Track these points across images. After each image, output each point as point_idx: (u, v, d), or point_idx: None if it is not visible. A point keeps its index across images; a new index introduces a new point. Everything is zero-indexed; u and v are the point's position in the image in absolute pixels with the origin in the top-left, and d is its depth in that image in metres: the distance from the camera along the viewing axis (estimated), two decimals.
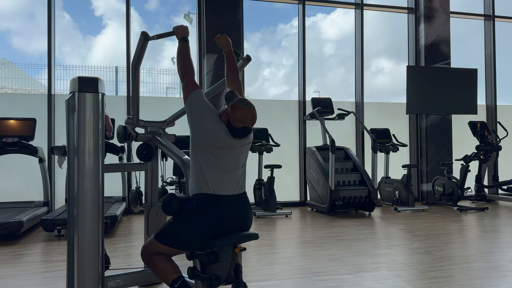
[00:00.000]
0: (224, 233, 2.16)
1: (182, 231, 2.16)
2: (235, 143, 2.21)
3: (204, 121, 2.20)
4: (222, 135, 2.17)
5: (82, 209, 2.04)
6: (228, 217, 2.18)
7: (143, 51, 2.75)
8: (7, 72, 6.93)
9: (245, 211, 2.25)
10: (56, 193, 6.10)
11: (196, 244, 2.17)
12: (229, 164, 2.21)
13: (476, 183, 7.43)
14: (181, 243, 2.20)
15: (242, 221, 2.23)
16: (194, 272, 2.21)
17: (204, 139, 2.18)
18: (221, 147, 2.18)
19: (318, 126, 6.81)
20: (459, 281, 2.98)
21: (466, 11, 8.18)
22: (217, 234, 2.15)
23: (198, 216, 2.14)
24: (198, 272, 2.22)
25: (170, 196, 2.18)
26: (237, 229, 2.20)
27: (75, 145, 2.04)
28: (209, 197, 2.16)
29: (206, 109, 2.25)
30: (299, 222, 5.57)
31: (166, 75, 7.62)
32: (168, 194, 2.25)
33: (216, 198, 2.16)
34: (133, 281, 2.72)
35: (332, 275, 3.13)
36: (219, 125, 2.20)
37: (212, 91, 3.22)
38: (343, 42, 8.07)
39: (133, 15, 6.75)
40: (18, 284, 3.02)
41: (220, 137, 2.17)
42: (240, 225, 2.22)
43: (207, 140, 2.18)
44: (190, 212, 2.16)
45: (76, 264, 2.03)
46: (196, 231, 2.14)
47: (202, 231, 2.14)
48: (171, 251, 2.22)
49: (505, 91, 8.53)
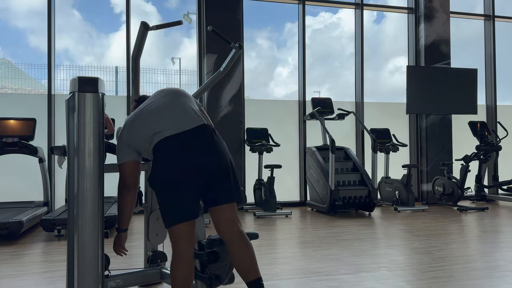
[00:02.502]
0: (200, 164, 2.06)
1: (169, 193, 2.06)
2: (159, 103, 2.21)
3: (132, 136, 2.20)
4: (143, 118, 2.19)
5: (82, 209, 2.04)
6: (188, 146, 2.07)
7: (143, 41, 2.75)
8: (7, 72, 6.93)
9: (207, 135, 2.14)
10: (56, 193, 6.11)
11: (192, 193, 2.06)
12: (168, 110, 2.18)
13: (476, 183, 7.43)
14: (181, 205, 2.06)
15: (206, 142, 2.11)
16: (194, 272, 2.20)
17: (142, 137, 2.15)
18: (151, 114, 2.18)
19: (318, 126, 6.81)
20: (459, 281, 2.98)
21: (466, 11, 8.18)
22: (199, 169, 2.06)
23: (163, 167, 2.06)
24: (198, 272, 2.22)
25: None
26: (208, 156, 2.09)
27: (75, 145, 2.04)
28: (161, 143, 2.07)
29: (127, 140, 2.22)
30: (299, 222, 5.57)
31: (166, 75, 7.62)
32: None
33: (169, 139, 2.07)
34: (133, 281, 2.72)
35: (332, 275, 3.12)
36: (135, 124, 2.20)
37: (207, 86, 3.24)
38: (354, 41, 8.05)
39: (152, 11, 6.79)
40: (18, 284, 3.02)
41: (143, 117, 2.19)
42: (207, 148, 2.11)
43: (143, 134, 2.15)
44: (156, 175, 2.08)
45: (76, 264, 2.03)
46: (174, 177, 2.04)
47: (178, 174, 2.04)
48: (188, 225, 2.07)
49: (505, 91, 8.54)
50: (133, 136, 2.19)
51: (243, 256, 2.15)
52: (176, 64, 7.70)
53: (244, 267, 2.15)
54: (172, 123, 2.12)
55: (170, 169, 2.06)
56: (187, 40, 7.39)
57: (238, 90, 6.70)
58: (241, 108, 6.73)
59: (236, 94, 6.69)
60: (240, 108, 6.73)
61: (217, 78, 3.41)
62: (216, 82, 3.47)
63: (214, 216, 2.18)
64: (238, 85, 6.71)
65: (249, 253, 2.16)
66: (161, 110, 2.18)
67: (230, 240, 2.15)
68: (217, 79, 3.42)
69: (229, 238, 2.15)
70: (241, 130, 6.68)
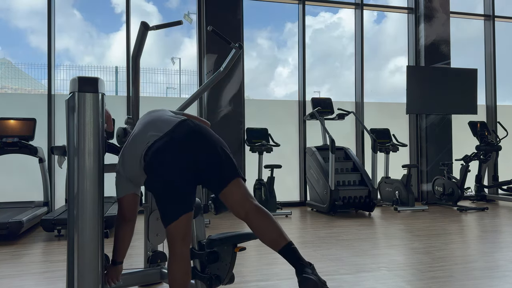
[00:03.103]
0: (191, 154, 2.03)
1: (165, 192, 2.03)
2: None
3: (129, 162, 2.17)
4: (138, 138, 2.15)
5: (82, 209, 2.04)
6: (174, 142, 2.04)
7: (143, 41, 2.75)
8: (7, 72, 6.93)
9: (189, 128, 2.10)
10: (56, 193, 6.11)
11: (186, 187, 2.03)
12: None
13: (476, 183, 7.43)
14: (176, 199, 2.03)
15: (190, 134, 2.08)
16: (194, 272, 2.20)
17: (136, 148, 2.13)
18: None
19: (318, 126, 6.81)
20: (459, 281, 2.98)
21: (466, 11, 8.18)
22: (192, 163, 2.03)
23: (158, 167, 2.01)
24: (198, 272, 2.22)
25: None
26: (201, 146, 2.06)
27: (75, 145, 2.04)
28: (149, 150, 2.03)
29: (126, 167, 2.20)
30: (299, 222, 5.57)
31: (166, 75, 7.62)
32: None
33: (154, 143, 2.04)
34: (133, 281, 2.72)
35: (332, 275, 3.12)
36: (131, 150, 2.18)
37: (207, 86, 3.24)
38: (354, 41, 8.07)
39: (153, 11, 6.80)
40: (18, 284, 3.02)
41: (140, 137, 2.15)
42: (193, 138, 2.07)
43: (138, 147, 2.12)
44: (151, 178, 2.05)
45: (76, 264, 2.02)
46: (171, 177, 2.00)
47: (175, 172, 2.00)
48: (186, 222, 2.04)
49: (505, 91, 8.54)
50: (128, 167, 2.16)
51: (266, 228, 2.05)
52: (176, 64, 7.71)
53: (270, 238, 2.05)
54: (153, 131, 2.11)
55: (162, 169, 2.02)
56: (188, 40, 7.40)
57: (238, 90, 6.70)
58: (241, 108, 6.73)
59: (236, 94, 6.69)
60: (240, 108, 6.73)
61: (217, 78, 3.41)
62: (216, 82, 3.47)
63: (226, 200, 2.11)
64: (238, 85, 6.71)
65: (271, 222, 2.06)
66: (142, 130, 2.17)
67: (248, 217, 2.07)
68: (217, 79, 3.43)
69: (245, 216, 2.07)
70: (241, 130, 6.68)
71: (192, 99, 3.44)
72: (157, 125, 2.15)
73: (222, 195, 2.11)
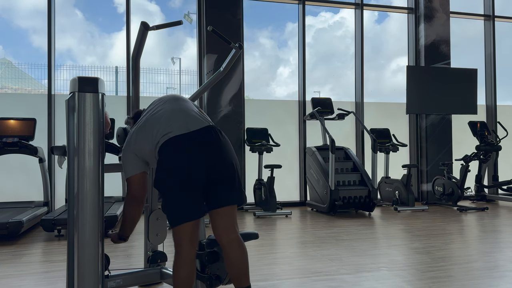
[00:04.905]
0: (207, 164, 2.04)
1: (175, 193, 2.04)
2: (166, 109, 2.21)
3: (139, 144, 2.18)
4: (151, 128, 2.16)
5: (82, 209, 2.04)
6: (195, 146, 2.05)
7: (143, 41, 2.75)
8: (7, 72, 6.93)
9: (213, 136, 2.13)
10: (56, 193, 6.11)
11: (197, 193, 2.05)
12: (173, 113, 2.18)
13: (476, 183, 7.43)
14: (187, 204, 2.04)
15: (213, 143, 2.11)
16: (195, 272, 2.20)
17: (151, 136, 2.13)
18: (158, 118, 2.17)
19: (318, 126, 6.81)
20: (459, 281, 2.98)
21: (466, 11, 8.18)
22: (202, 168, 2.04)
23: (169, 168, 2.03)
24: (198, 272, 2.22)
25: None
26: (215, 157, 2.08)
27: (75, 145, 2.05)
28: (169, 143, 2.05)
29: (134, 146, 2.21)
30: (299, 222, 5.57)
31: (167, 75, 7.62)
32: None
33: (176, 138, 2.05)
34: (133, 281, 2.72)
35: (332, 275, 3.13)
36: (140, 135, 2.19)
37: (207, 86, 3.24)
38: (354, 41, 8.07)
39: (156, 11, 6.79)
40: (18, 284, 3.02)
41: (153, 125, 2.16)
42: (214, 149, 2.10)
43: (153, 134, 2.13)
44: (163, 175, 2.06)
45: (76, 264, 2.03)
46: (181, 177, 2.01)
47: (185, 173, 2.02)
48: (192, 225, 2.06)
49: (505, 91, 8.53)
50: (140, 146, 2.17)
51: (239, 262, 2.15)
52: (176, 64, 7.71)
53: (238, 273, 2.16)
54: (179, 124, 2.11)
55: (177, 169, 2.03)
56: (191, 39, 7.39)
57: (238, 90, 6.70)
58: (241, 108, 6.74)
59: (236, 94, 6.70)
60: (240, 108, 6.73)
61: (217, 78, 3.41)
62: (216, 82, 3.47)
63: (214, 219, 2.15)
64: (238, 85, 6.71)
65: (245, 260, 2.17)
66: (166, 115, 2.16)
67: (228, 246, 2.14)
68: (217, 79, 3.42)
69: (226, 244, 2.14)
70: (241, 130, 6.68)
71: (192, 99, 3.44)
72: (183, 119, 2.14)
73: (214, 212, 2.14)
